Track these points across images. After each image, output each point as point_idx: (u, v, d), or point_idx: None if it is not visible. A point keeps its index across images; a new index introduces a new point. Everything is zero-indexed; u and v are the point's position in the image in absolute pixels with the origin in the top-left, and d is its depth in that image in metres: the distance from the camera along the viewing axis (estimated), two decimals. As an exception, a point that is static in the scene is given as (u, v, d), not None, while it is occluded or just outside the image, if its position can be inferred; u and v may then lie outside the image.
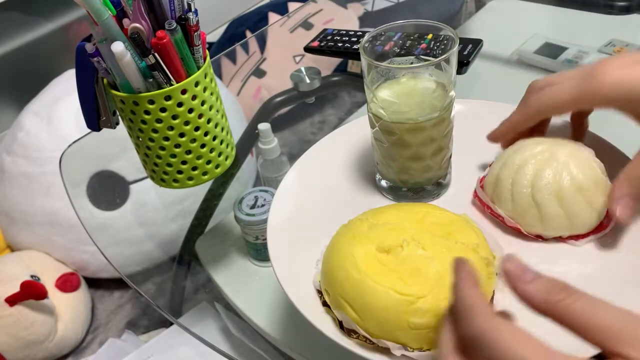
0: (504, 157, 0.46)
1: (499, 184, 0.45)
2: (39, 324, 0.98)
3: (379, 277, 0.37)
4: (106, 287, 1.16)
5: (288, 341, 0.56)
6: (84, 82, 0.48)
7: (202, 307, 0.74)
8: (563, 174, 0.42)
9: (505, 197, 0.44)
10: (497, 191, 0.45)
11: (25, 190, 1.07)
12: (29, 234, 1.09)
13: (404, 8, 1.38)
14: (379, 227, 0.41)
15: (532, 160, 0.44)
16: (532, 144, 0.45)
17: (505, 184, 0.44)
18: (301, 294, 0.41)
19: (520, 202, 0.43)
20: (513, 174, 0.44)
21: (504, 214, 0.45)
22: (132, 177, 0.99)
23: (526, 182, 0.43)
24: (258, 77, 1.32)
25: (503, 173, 0.45)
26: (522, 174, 0.43)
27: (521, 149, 0.45)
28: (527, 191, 0.43)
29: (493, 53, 0.87)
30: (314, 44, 0.74)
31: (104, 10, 0.41)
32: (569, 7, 0.96)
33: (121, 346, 0.98)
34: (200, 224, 0.76)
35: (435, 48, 0.48)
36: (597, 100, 0.41)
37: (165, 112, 0.46)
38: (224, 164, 0.52)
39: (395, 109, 0.44)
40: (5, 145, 1.12)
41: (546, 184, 0.42)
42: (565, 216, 0.42)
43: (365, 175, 0.53)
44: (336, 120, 1.29)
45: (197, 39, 0.46)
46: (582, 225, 0.43)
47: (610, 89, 0.39)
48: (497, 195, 0.45)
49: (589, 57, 0.83)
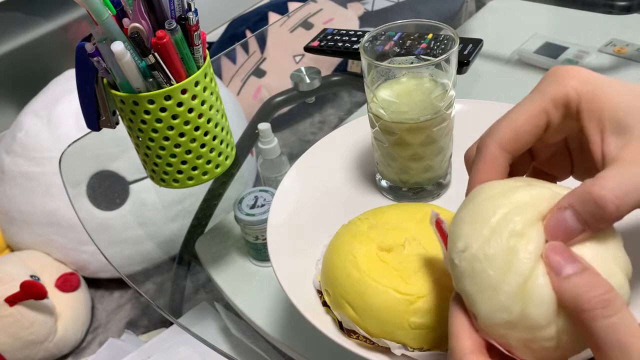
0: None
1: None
2: (39, 324, 0.98)
3: (379, 277, 0.37)
4: (106, 287, 1.15)
5: (288, 341, 0.56)
6: (83, 81, 0.48)
7: (202, 307, 0.74)
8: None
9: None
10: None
11: (25, 190, 1.07)
12: (28, 234, 1.09)
13: (404, 8, 1.38)
14: (379, 227, 0.41)
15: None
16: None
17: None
18: (301, 294, 0.41)
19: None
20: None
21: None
22: (132, 177, 0.99)
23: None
24: (258, 77, 1.32)
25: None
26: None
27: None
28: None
29: (493, 53, 0.87)
30: (314, 43, 0.74)
31: (104, 9, 0.41)
32: (569, 7, 0.96)
33: (121, 346, 0.98)
34: (200, 224, 0.76)
35: (435, 48, 0.48)
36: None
37: (165, 112, 0.46)
38: (224, 164, 0.52)
39: (395, 108, 0.44)
40: (5, 145, 1.12)
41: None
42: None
43: (365, 175, 0.53)
44: (336, 120, 1.29)
45: (197, 38, 0.45)
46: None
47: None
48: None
49: (590, 57, 0.83)
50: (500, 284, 0.27)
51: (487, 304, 0.27)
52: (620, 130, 0.28)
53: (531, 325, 0.26)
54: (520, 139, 0.31)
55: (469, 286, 0.28)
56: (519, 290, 0.26)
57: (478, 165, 0.32)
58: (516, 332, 0.27)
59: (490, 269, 0.27)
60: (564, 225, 0.27)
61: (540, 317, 0.26)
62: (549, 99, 0.30)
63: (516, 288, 0.26)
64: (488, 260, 0.27)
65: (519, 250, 0.27)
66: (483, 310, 0.27)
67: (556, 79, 0.31)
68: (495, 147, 0.31)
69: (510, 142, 0.31)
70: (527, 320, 0.26)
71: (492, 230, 0.28)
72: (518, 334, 0.27)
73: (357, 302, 0.37)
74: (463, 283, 0.28)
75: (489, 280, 0.27)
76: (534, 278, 0.26)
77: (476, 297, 0.28)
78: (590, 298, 0.24)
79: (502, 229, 0.27)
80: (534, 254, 0.27)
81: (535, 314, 0.26)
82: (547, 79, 0.31)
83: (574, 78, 0.30)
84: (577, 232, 0.27)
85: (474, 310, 0.28)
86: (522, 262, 0.26)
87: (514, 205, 0.28)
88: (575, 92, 0.30)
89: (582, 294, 0.24)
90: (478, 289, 0.28)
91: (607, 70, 0.81)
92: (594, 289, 0.24)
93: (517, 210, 0.28)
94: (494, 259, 0.27)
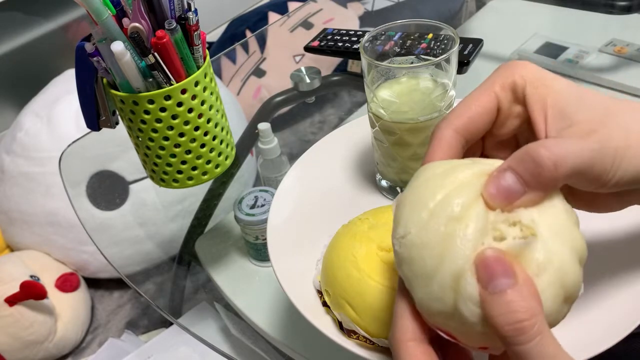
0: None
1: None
2: (39, 324, 0.98)
3: (379, 277, 0.37)
4: (106, 287, 1.15)
5: (288, 341, 0.56)
6: (83, 81, 0.48)
7: (202, 307, 0.74)
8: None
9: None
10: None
11: (25, 190, 1.07)
12: (28, 234, 1.09)
13: (404, 8, 1.38)
14: (379, 227, 0.41)
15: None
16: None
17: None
18: (301, 294, 0.41)
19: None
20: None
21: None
22: (131, 177, 0.99)
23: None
24: (258, 76, 1.32)
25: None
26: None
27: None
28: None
29: (493, 53, 0.87)
30: (314, 43, 0.74)
31: (104, 9, 0.41)
32: (569, 7, 0.96)
33: (121, 346, 0.98)
34: (200, 224, 0.76)
35: (435, 48, 0.48)
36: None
37: (165, 112, 0.46)
38: (224, 164, 0.52)
39: (395, 108, 0.44)
40: (5, 145, 1.12)
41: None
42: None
43: (365, 175, 0.53)
44: (336, 120, 1.29)
45: (197, 38, 0.45)
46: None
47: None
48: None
49: (590, 57, 0.83)
50: (434, 273, 0.26)
51: (423, 292, 0.26)
52: (562, 116, 0.30)
53: (464, 320, 0.25)
54: (473, 121, 0.32)
55: (407, 272, 0.27)
56: (452, 281, 0.25)
57: (431, 148, 0.32)
58: (452, 322, 0.26)
59: (426, 257, 0.26)
60: (503, 187, 0.26)
61: (470, 314, 0.25)
62: (498, 84, 0.32)
63: (449, 279, 0.25)
64: (424, 247, 0.26)
65: (456, 237, 0.26)
66: (420, 297, 0.27)
67: (505, 68, 0.32)
68: (448, 131, 0.32)
69: (464, 125, 0.32)
70: (460, 315, 0.25)
71: (431, 213, 0.27)
72: (454, 325, 0.26)
73: (357, 302, 0.37)
74: (402, 269, 0.28)
75: (425, 269, 0.26)
76: (464, 273, 0.25)
77: (413, 284, 0.27)
78: (504, 325, 0.24)
79: (441, 212, 0.26)
80: (472, 239, 0.25)
81: (465, 311, 0.25)
82: (497, 70, 0.33)
83: (521, 67, 0.32)
84: (517, 193, 0.26)
85: (413, 296, 0.28)
86: (457, 250, 0.25)
87: (454, 185, 0.27)
88: (522, 78, 0.31)
89: (499, 316, 0.24)
90: (414, 277, 0.27)
91: (607, 70, 0.81)
92: (513, 315, 0.24)
93: (457, 191, 0.27)
94: (430, 246, 0.26)
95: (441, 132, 0.32)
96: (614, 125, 0.29)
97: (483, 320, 0.25)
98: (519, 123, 0.33)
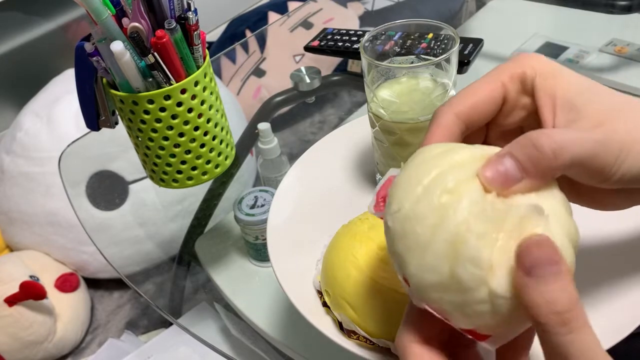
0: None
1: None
2: (38, 324, 0.98)
3: (379, 276, 0.37)
4: (106, 287, 1.15)
5: (288, 341, 0.56)
6: (83, 81, 0.48)
7: (202, 307, 0.74)
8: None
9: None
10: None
11: (25, 190, 1.06)
12: (28, 234, 1.09)
13: (404, 7, 1.38)
14: (379, 227, 0.41)
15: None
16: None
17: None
18: (301, 294, 0.41)
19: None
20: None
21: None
22: (131, 177, 0.99)
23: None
24: (258, 76, 1.32)
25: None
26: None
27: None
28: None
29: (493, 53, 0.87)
30: (314, 43, 0.74)
31: (104, 9, 0.41)
32: (569, 7, 0.96)
33: (121, 346, 0.98)
34: (200, 224, 0.76)
35: (435, 47, 0.48)
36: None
37: (165, 112, 0.46)
38: (224, 164, 0.52)
39: (395, 108, 0.44)
40: (5, 145, 1.12)
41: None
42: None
43: (365, 175, 0.53)
44: (336, 120, 1.29)
45: (196, 38, 0.45)
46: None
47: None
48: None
49: (590, 57, 0.83)
50: (428, 242, 0.25)
51: (417, 264, 0.26)
52: (570, 108, 0.29)
53: (461, 287, 0.25)
54: (476, 108, 0.31)
55: (400, 248, 0.27)
56: (447, 249, 0.25)
57: (430, 130, 0.32)
58: (448, 295, 0.25)
59: (419, 228, 0.26)
60: (501, 171, 0.26)
61: (468, 279, 0.24)
62: (507, 74, 0.31)
63: (445, 247, 0.25)
64: (417, 219, 0.26)
65: (450, 207, 0.25)
66: (413, 272, 0.26)
67: (516, 59, 0.32)
68: (450, 115, 0.31)
69: (466, 110, 0.31)
70: (457, 282, 0.25)
71: (425, 188, 0.26)
72: (450, 297, 0.25)
73: (357, 302, 0.37)
74: (395, 245, 0.27)
75: (418, 240, 0.26)
76: (462, 236, 0.24)
77: (406, 258, 0.26)
78: (548, 314, 0.23)
79: (435, 186, 0.26)
80: (466, 210, 0.25)
81: (463, 274, 0.24)
82: (508, 61, 0.32)
83: (533, 59, 0.31)
84: (515, 179, 0.26)
85: (405, 274, 0.27)
86: (451, 219, 0.25)
87: (450, 164, 0.27)
88: (532, 69, 0.31)
89: (541, 305, 0.23)
90: (407, 250, 0.26)
91: (607, 70, 0.80)
92: (554, 305, 0.23)
93: (452, 169, 0.26)
94: (424, 217, 0.26)
95: (442, 116, 0.31)
96: (622, 120, 0.28)
97: (482, 285, 0.24)
98: (525, 114, 0.32)
